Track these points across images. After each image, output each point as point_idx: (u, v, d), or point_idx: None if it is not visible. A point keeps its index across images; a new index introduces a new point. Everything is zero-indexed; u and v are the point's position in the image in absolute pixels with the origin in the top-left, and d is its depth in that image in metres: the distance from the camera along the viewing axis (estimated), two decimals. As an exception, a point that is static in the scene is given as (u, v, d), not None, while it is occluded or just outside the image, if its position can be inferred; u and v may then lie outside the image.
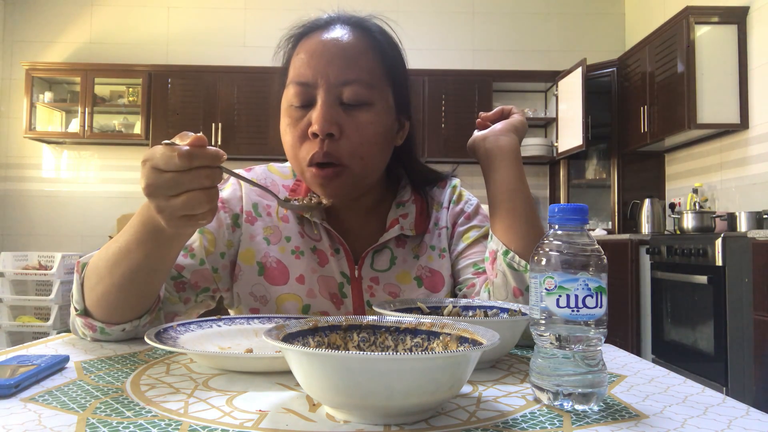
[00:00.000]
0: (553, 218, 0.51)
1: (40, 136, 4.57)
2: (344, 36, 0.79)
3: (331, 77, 0.77)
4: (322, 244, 0.87)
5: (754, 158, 3.25)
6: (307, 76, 0.78)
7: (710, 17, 3.35)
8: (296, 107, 0.79)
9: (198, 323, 0.73)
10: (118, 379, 0.55)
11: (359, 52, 0.79)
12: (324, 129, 0.75)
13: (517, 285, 0.77)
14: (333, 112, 0.76)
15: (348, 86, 0.77)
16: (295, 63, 0.80)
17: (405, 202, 0.91)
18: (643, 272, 3.35)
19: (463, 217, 0.93)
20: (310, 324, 0.53)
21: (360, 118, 0.78)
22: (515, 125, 0.85)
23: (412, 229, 0.88)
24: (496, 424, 0.44)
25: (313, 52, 0.79)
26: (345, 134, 0.77)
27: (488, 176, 0.84)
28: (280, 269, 0.86)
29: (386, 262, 0.88)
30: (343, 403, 0.42)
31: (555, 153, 4.45)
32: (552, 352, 0.48)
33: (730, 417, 0.46)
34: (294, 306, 0.85)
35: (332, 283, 0.86)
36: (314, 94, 0.77)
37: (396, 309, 0.69)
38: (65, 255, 4.21)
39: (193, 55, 4.75)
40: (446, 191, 0.96)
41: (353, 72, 0.77)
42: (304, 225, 0.89)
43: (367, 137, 0.78)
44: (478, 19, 4.82)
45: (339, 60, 0.77)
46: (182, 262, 0.84)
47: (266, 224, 0.88)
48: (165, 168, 0.55)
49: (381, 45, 0.82)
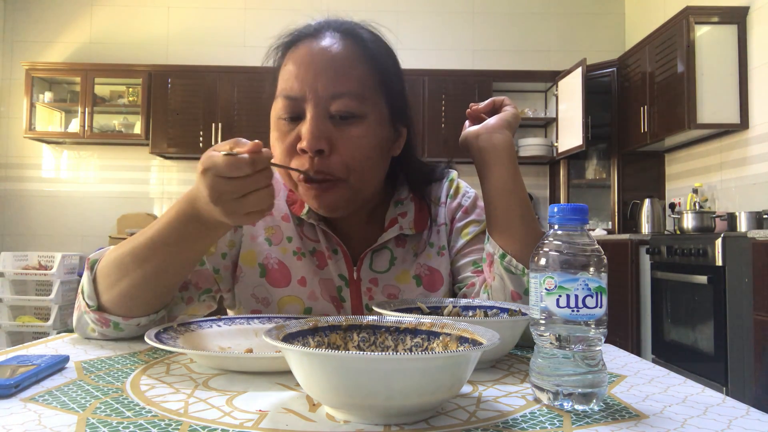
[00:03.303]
0: (553, 218, 0.51)
1: (40, 136, 4.57)
2: (333, 46, 0.77)
3: (320, 90, 0.74)
4: (320, 246, 0.87)
5: (754, 158, 3.25)
6: (295, 89, 0.76)
7: (710, 17, 3.35)
8: (285, 120, 0.77)
9: (198, 323, 0.73)
10: (118, 379, 0.55)
11: (349, 62, 0.77)
12: (313, 146, 0.73)
13: (515, 288, 0.76)
14: (322, 127, 0.74)
15: (337, 99, 0.75)
16: (284, 75, 0.78)
17: (403, 200, 0.90)
18: (643, 272, 3.35)
19: (461, 211, 0.92)
20: (310, 324, 0.53)
21: (351, 132, 0.76)
22: (508, 120, 0.81)
23: (411, 228, 0.87)
24: (496, 424, 0.44)
25: (301, 63, 0.76)
26: (336, 149, 0.75)
27: (482, 176, 0.81)
28: (281, 271, 0.85)
29: (385, 263, 0.87)
30: (343, 403, 0.42)
31: (555, 153, 4.45)
32: (552, 352, 0.49)
33: (730, 417, 0.46)
34: (296, 309, 0.84)
35: (331, 285, 0.86)
36: (303, 108, 0.75)
37: (396, 309, 0.69)
38: (65, 255, 4.21)
39: (193, 55, 4.75)
40: (443, 185, 0.94)
41: (343, 84, 0.75)
42: (304, 226, 0.88)
43: (360, 151, 0.76)
44: (478, 19, 4.82)
45: (328, 72, 0.75)
46: None
47: (267, 224, 0.88)
48: (231, 175, 0.58)
49: (372, 53, 0.79)
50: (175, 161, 4.79)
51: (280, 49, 0.83)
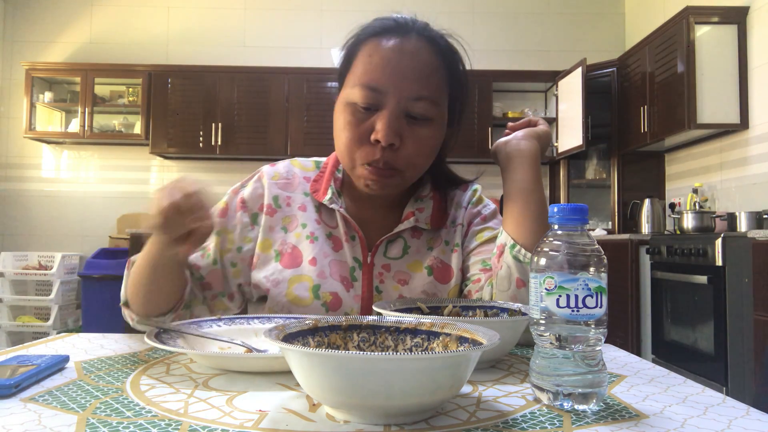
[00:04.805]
0: (553, 218, 0.51)
1: (40, 136, 4.57)
2: (420, 50, 0.82)
3: (405, 90, 0.79)
4: (338, 231, 0.91)
5: (754, 158, 3.25)
6: (379, 81, 0.80)
7: (710, 17, 3.35)
8: (360, 108, 0.81)
9: (198, 323, 0.73)
10: (118, 379, 0.55)
11: (431, 69, 0.82)
12: (388, 139, 0.78)
13: (521, 276, 0.79)
14: (398, 123, 0.79)
15: (418, 102, 0.80)
16: (366, 65, 0.81)
17: (423, 197, 0.94)
18: (643, 272, 3.35)
19: (479, 218, 0.96)
20: (310, 324, 0.53)
21: (420, 132, 0.81)
22: (538, 133, 0.90)
23: (427, 223, 0.92)
24: (496, 424, 0.44)
25: (389, 59, 0.80)
26: (404, 144, 0.81)
27: (505, 176, 0.87)
28: (294, 254, 0.90)
29: (399, 251, 0.91)
30: (343, 403, 0.42)
31: (555, 153, 4.45)
32: (552, 352, 0.48)
33: (730, 417, 0.46)
34: (305, 286, 0.87)
35: (344, 267, 0.89)
36: (383, 101, 0.80)
37: (396, 309, 0.69)
38: (65, 255, 4.21)
39: (193, 55, 4.75)
40: (467, 193, 0.99)
41: (424, 88, 0.80)
42: (322, 213, 0.92)
43: (424, 150, 0.83)
44: (478, 19, 4.82)
45: (414, 74, 0.80)
46: (199, 262, 0.89)
47: (285, 214, 0.92)
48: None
49: (449, 63, 0.85)
50: (175, 161, 4.79)
51: (359, 36, 0.85)
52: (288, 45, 4.81)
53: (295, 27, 4.83)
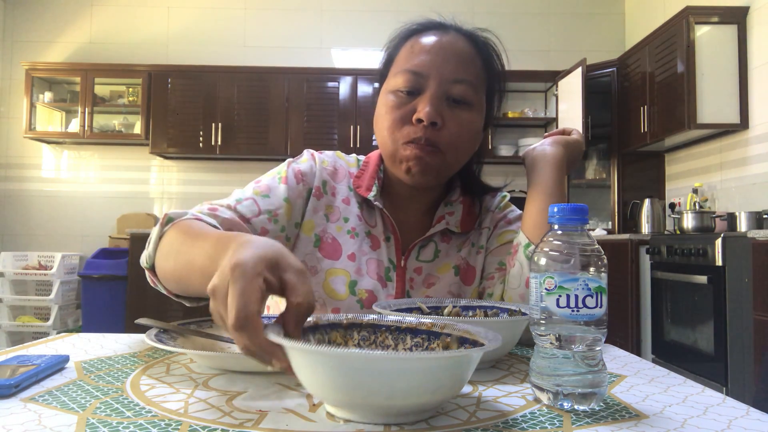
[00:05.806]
0: (553, 218, 0.51)
1: (40, 136, 4.57)
2: (459, 41, 0.87)
3: (445, 73, 0.83)
4: (377, 230, 0.93)
5: (754, 158, 3.25)
6: (421, 66, 0.84)
7: (710, 17, 3.35)
8: (403, 93, 0.84)
9: (198, 323, 0.73)
10: (118, 379, 0.55)
11: (471, 57, 0.86)
12: (431, 117, 0.81)
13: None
14: (440, 104, 0.83)
15: (458, 84, 0.84)
16: (408, 54, 0.86)
17: (453, 201, 0.96)
18: (643, 272, 3.35)
19: (503, 221, 0.98)
20: (311, 321, 0.53)
21: (461, 115, 0.84)
22: (567, 140, 0.93)
23: (457, 227, 0.94)
24: (496, 424, 0.44)
25: (430, 47, 0.85)
26: (445, 125, 0.83)
27: (529, 179, 0.90)
28: (334, 245, 0.90)
29: (431, 255, 0.93)
30: (344, 401, 0.42)
31: (555, 153, 4.44)
32: (552, 352, 0.48)
33: (730, 417, 0.46)
34: (342, 281, 0.88)
35: (381, 266, 0.91)
36: (424, 85, 0.83)
37: (396, 309, 0.69)
38: (65, 255, 4.21)
39: (193, 55, 4.75)
40: (495, 199, 1.02)
41: (464, 73, 0.84)
42: (364, 210, 0.93)
43: (464, 132, 0.85)
44: (478, 19, 4.79)
45: (454, 59, 0.84)
46: (267, 226, 0.86)
47: (329, 203, 0.93)
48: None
49: (486, 57, 0.89)
50: (175, 161, 4.79)
51: (403, 33, 0.90)
52: (288, 45, 4.81)
53: (295, 27, 4.83)
